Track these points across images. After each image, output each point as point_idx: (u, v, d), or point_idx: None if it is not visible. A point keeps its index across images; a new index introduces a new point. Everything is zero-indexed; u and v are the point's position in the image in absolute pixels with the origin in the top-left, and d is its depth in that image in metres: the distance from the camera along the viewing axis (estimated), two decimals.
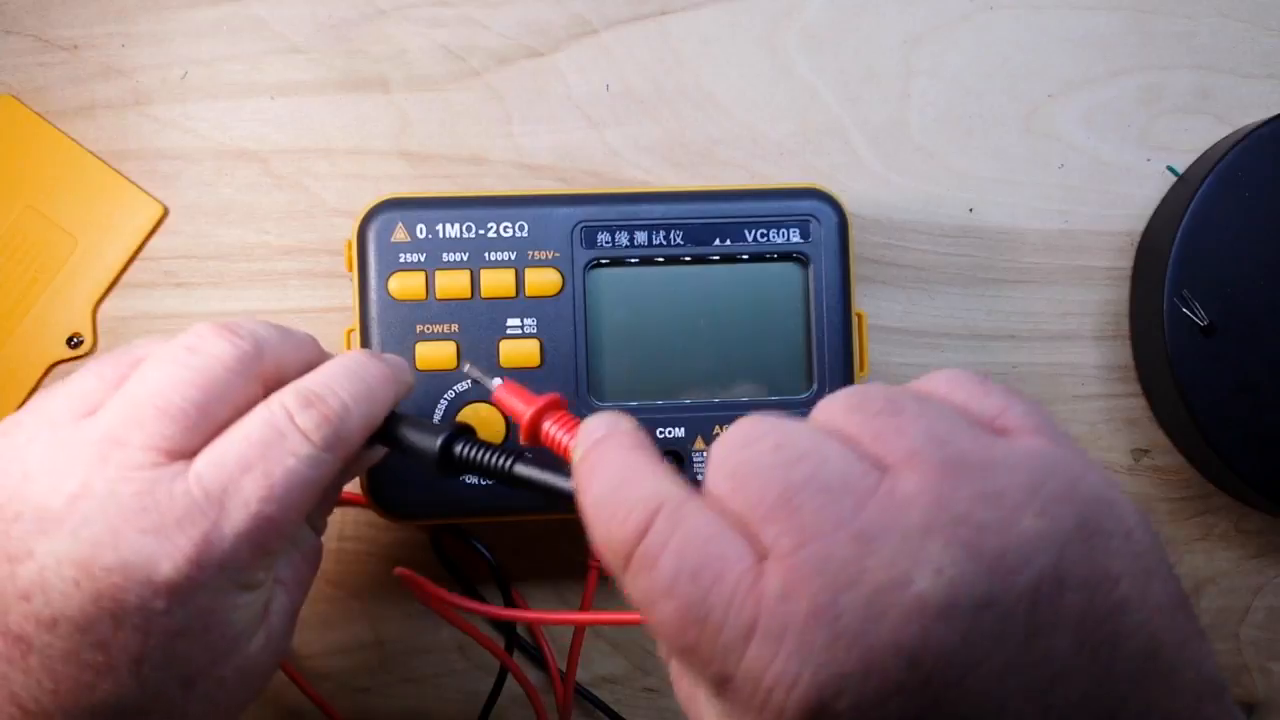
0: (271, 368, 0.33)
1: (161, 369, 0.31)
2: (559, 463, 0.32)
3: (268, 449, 0.30)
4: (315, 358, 0.35)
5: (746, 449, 0.25)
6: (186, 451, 0.30)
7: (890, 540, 0.23)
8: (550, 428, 0.33)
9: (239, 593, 0.31)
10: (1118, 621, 0.23)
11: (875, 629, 0.22)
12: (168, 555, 0.29)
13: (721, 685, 0.24)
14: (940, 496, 0.23)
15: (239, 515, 0.30)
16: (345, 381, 0.33)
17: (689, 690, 0.26)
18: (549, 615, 0.45)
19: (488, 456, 0.33)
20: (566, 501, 0.30)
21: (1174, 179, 0.47)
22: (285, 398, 0.32)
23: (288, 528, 0.31)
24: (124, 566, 0.28)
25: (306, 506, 0.32)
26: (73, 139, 0.46)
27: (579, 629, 0.45)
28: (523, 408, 0.33)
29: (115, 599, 0.28)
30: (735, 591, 0.23)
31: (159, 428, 0.30)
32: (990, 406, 0.26)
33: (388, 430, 0.35)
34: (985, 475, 0.24)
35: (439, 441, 0.34)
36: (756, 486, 0.24)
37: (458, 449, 0.34)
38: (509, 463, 0.33)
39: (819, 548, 0.23)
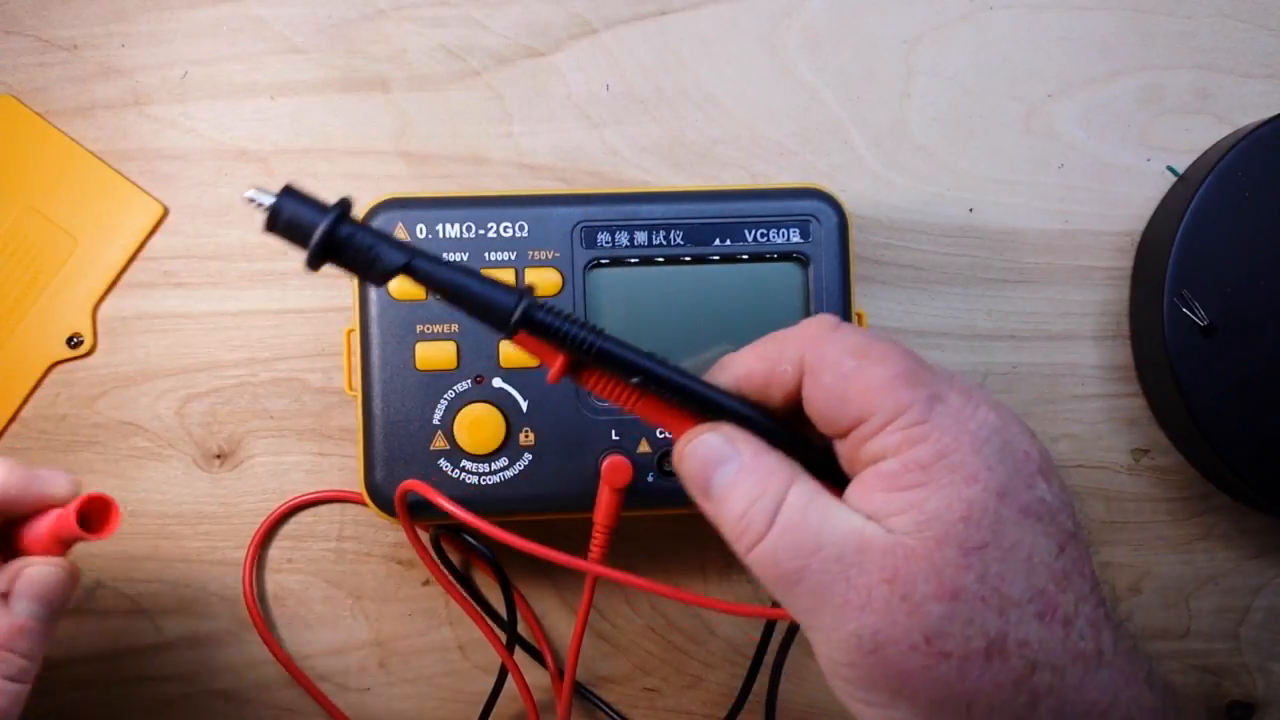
0: None
1: None
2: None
3: None
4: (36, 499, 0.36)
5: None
6: None
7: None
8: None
9: None
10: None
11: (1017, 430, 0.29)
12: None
13: (934, 401, 0.27)
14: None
15: None
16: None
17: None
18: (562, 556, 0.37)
19: (571, 327, 0.29)
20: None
21: (1174, 179, 0.47)
22: None
23: None
24: None
25: None
26: (73, 139, 0.46)
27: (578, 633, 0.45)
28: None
29: None
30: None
31: None
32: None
33: (449, 283, 0.29)
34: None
35: (523, 302, 0.28)
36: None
37: (538, 314, 0.29)
38: (596, 340, 0.29)
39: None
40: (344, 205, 0.29)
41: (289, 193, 0.29)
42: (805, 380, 0.29)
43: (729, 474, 0.29)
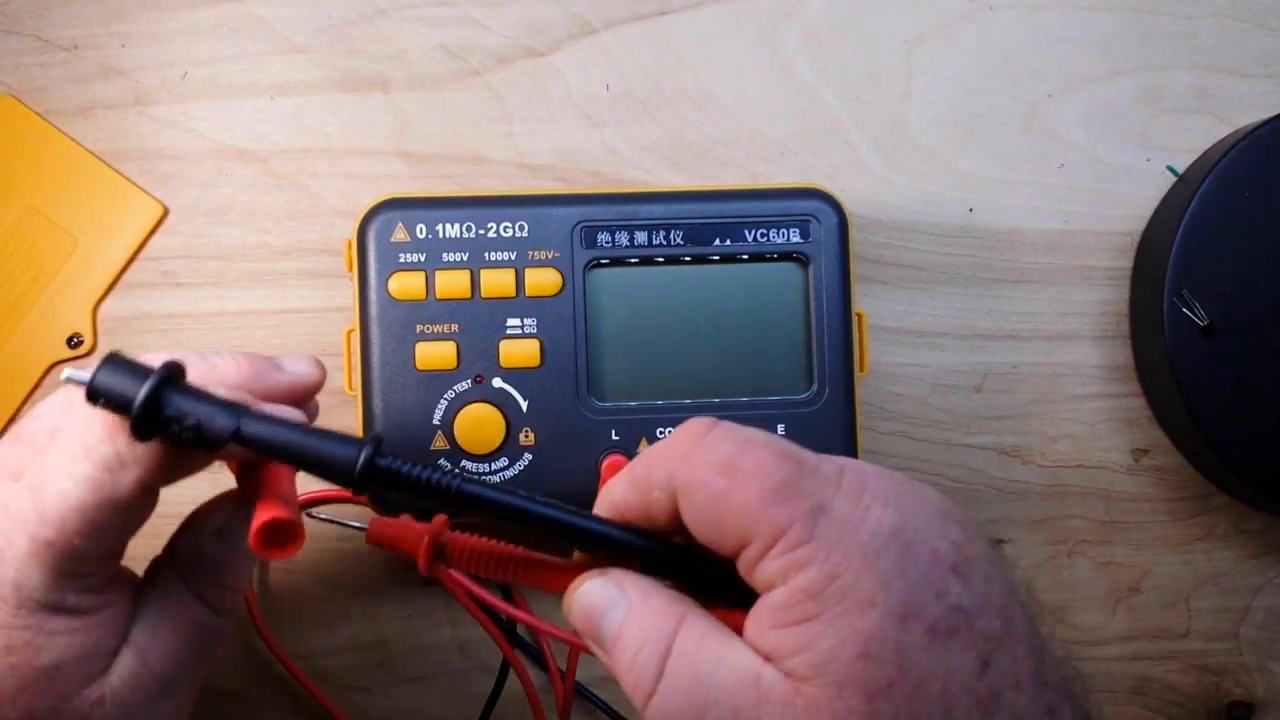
0: None
1: (43, 403, 0.33)
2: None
3: (48, 469, 0.30)
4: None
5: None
6: (22, 470, 0.31)
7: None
8: (455, 537, 0.29)
9: (44, 615, 0.30)
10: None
11: (931, 496, 0.27)
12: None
13: (817, 515, 0.24)
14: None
15: (19, 535, 0.30)
16: None
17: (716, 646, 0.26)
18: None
19: (426, 473, 0.27)
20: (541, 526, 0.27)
21: (1174, 179, 0.47)
22: (90, 414, 0.31)
23: (78, 550, 0.30)
24: None
25: (98, 530, 0.30)
26: (73, 139, 0.46)
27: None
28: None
29: None
30: (821, 459, 0.26)
31: (12, 450, 0.32)
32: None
33: (282, 446, 0.28)
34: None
35: (363, 453, 0.27)
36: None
37: (383, 462, 0.27)
38: (454, 481, 0.27)
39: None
40: (164, 375, 0.28)
41: (110, 363, 0.28)
42: (680, 503, 0.26)
43: (615, 620, 0.26)
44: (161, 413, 0.27)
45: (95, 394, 0.28)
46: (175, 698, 0.34)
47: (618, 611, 0.27)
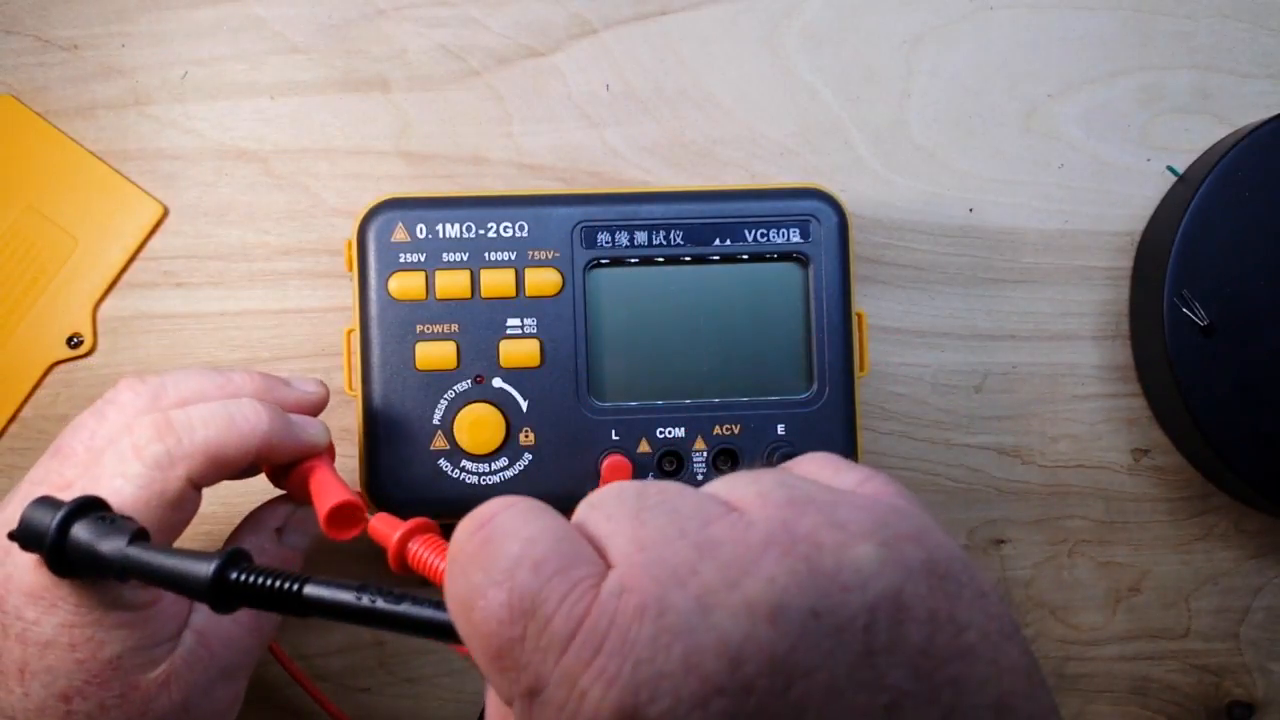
0: (172, 406, 0.36)
1: (78, 419, 0.36)
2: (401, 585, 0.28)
3: (102, 470, 0.33)
4: (223, 396, 0.37)
5: (611, 488, 0.25)
6: (71, 481, 0.34)
7: (729, 549, 0.22)
8: (418, 550, 0.30)
9: (104, 610, 0.33)
10: (963, 668, 0.22)
11: (700, 625, 0.21)
12: (30, 565, 0.32)
13: (532, 696, 0.22)
14: (785, 521, 0.23)
15: None
16: (203, 408, 0.35)
17: (498, 713, 0.24)
18: None
19: (273, 581, 0.28)
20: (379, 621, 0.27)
21: (1174, 179, 0.47)
22: (138, 421, 0.34)
23: None
24: (6, 578, 0.32)
25: (150, 526, 0.33)
26: (73, 139, 0.46)
27: None
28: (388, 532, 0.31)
29: (0, 609, 0.32)
30: (574, 588, 0.22)
31: (54, 465, 0.35)
32: (850, 479, 0.26)
33: (137, 565, 0.30)
34: (831, 509, 0.23)
35: (213, 568, 0.28)
36: (613, 507, 0.24)
37: (234, 575, 0.28)
38: (297, 586, 0.27)
39: (658, 552, 0.22)
40: (73, 508, 0.31)
41: (37, 505, 0.31)
42: None
43: None
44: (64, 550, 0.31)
45: (23, 541, 0.31)
46: (233, 682, 0.37)
47: None
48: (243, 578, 0.28)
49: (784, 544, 0.22)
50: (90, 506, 0.31)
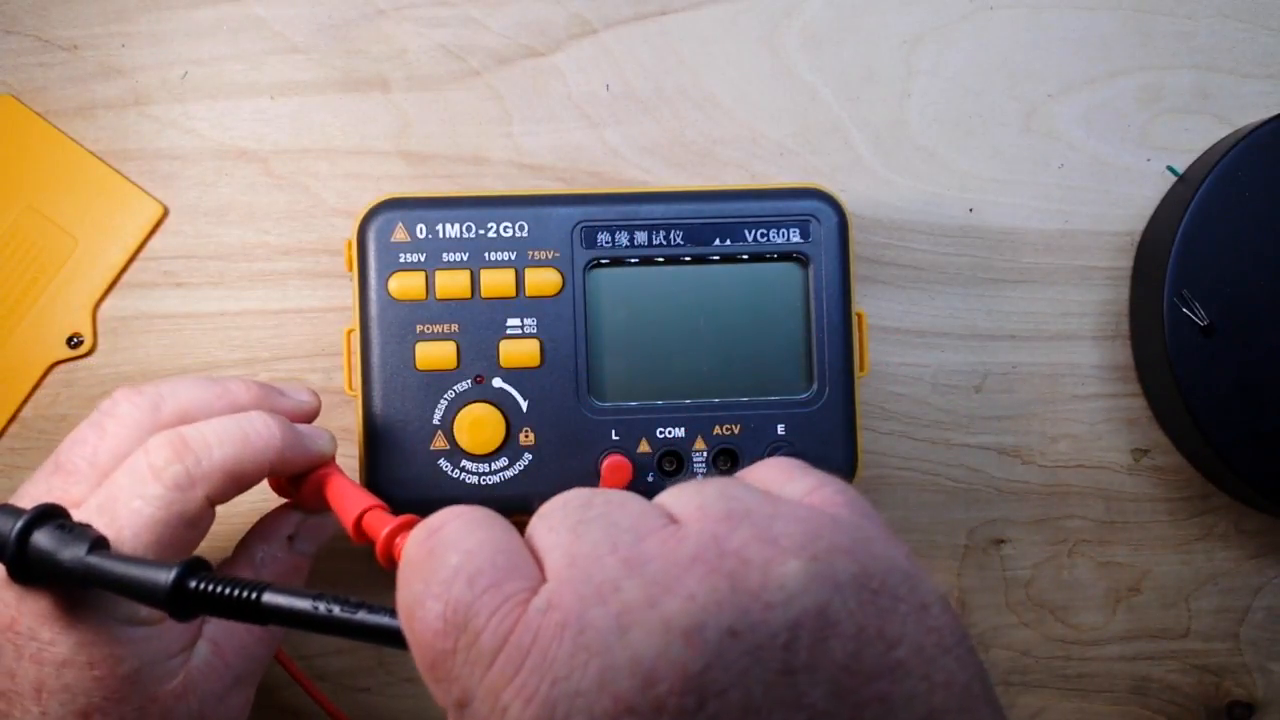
0: (171, 417, 0.36)
1: (75, 433, 0.35)
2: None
3: (119, 490, 0.33)
4: (222, 406, 0.37)
5: (560, 497, 0.26)
6: (79, 499, 0.34)
7: (655, 565, 0.22)
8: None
9: (120, 629, 0.32)
10: (890, 685, 0.21)
11: (616, 644, 0.21)
12: (46, 589, 0.32)
13: (461, 709, 0.22)
14: (716, 536, 0.23)
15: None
16: (216, 424, 0.35)
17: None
18: None
19: (232, 590, 0.28)
20: (334, 629, 0.27)
21: (1174, 179, 0.47)
22: (152, 440, 0.34)
23: None
24: (19, 600, 0.32)
25: (169, 544, 0.33)
26: (73, 139, 0.46)
27: None
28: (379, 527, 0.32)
29: (13, 629, 0.32)
30: (505, 602, 0.22)
31: (57, 481, 0.34)
32: (799, 487, 0.26)
33: (98, 574, 0.30)
34: (767, 523, 0.23)
35: (172, 576, 0.29)
36: (557, 518, 0.25)
37: (193, 584, 0.29)
38: (256, 594, 0.28)
39: (586, 568, 0.23)
40: (33, 517, 0.31)
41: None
42: None
43: None
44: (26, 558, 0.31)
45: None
46: (245, 689, 0.37)
47: None
48: (202, 586, 0.28)
49: (710, 561, 0.22)
50: (49, 515, 0.31)
